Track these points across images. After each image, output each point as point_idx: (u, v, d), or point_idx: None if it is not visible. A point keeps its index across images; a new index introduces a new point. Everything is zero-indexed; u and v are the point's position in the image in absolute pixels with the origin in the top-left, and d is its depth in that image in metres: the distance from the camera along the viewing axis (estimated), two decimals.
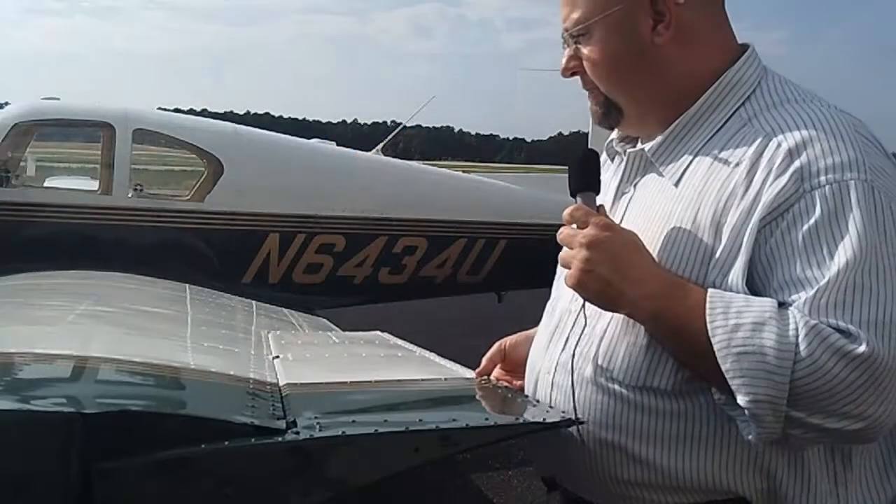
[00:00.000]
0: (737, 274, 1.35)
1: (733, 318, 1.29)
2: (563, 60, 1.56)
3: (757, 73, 1.51)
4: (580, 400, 1.49)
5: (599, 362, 1.48)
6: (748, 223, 1.34)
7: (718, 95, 1.49)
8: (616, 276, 1.37)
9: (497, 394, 1.75)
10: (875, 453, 1.45)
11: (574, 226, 1.43)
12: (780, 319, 1.27)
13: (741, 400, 1.28)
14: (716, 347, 1.29)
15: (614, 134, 1.68)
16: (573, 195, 1.50)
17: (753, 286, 1.35)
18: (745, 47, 1.55)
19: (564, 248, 1.44)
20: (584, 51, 1.52)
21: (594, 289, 1.40)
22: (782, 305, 1.30)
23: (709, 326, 1.30)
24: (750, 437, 1.32)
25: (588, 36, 1.50)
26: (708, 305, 1.32)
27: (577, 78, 1.58)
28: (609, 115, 1.58)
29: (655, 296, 1.37)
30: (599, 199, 1.51)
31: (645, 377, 1.43)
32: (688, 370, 1.40)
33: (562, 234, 1.45)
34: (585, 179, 1.50)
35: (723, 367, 1.29)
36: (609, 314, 1.47)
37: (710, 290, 1.34)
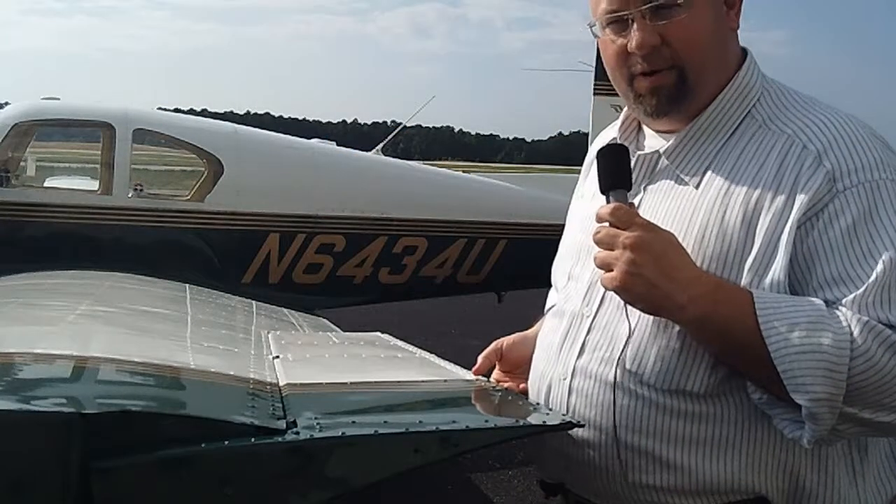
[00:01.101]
0: (777, 274, 1.36)
1: (786, 318, 1.30)
2: (640, 35, 1.45)
3: (760, 77, 1.53)
4: (604, 404, 1.48)
5: (627, 366, 1.46)
6: (784, 224, 1.36)
7: (731, 98, 1.50)
8: (662, 279, 1.35)
9: (497, 396, 1.75)
10: (884, 442, 1.48)
11: (606, 224, 1.40)
12: (831, 317, 1.30)
13: (800, 399, 1.29)
14: (771, 348, 1.30)
15: (613, 132, 1.67)
16: (604, 193, 1.45)
17: (791, 286, 1.37)
18: (744, 52, 1.56)
19: (601, 250, 1.40)
20: (676, 23, 1.44)
21: (639, 292, 1.37)
22: (825, 304, 1.32)
23: (762, 327, 1.31)
24: (796, 434, 1.33)
25: (684, 7, 1.44)
26: (758, 306, 1.32)
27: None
28: (682, 94, 1.49)
29: (701, 298, 1.36)
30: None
31: (678, 380, 1.42)
32: (724, 371, 1.40)
33: (599, 234, 1.40)
34: (618, 176, 1.46)
35: (779, 367, 1.29)
36: (635, 317, 1.46)
37: (755, 292, 1.35)
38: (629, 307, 1.44)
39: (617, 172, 1.46)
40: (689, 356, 1.42)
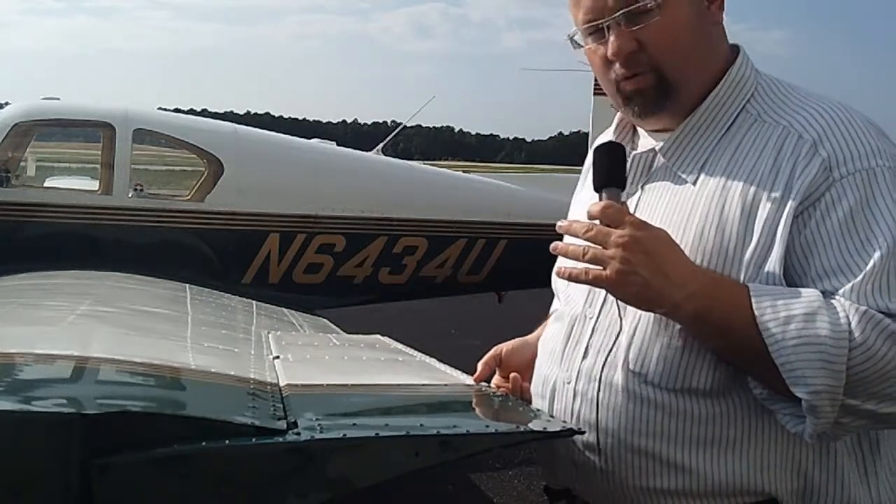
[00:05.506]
0: (773, 266, 1.35)
1: (783, 311, 1.30)
2: (616, 42, 1.46)
3: (753, 72, 1.53)
4: (610, 407, 1.47)
5: (631, 367, 1.45)
6: (781, 215, 1.36)
7: (725, 93, 1.50)
8: (656, 277, 1.34)
9: (497, 401, 1.74)
10: (895, 436, 1.46)
11: (598, 222, 1.39)
12: (828, 308, 1.29)
13: (800, 392, 1.28)
14: (768, 342, 1.29)
15: (611, 135, 1.67)
16: (598, 191, 1.45)
17: (788, 277, 1.36)
18: (736, 47, 1.56)
19: (594, 247, 1.38)
20: (652, 26, 1.44)
21: (633, 291, 1.36)
22: (824, 294, 1.31)
23: (759, 321, 1.30)
24: (798, 428, 1.32)
25: (658, 10, 1.43)
26: (754, 300, 1.32)
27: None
28: (664, 94, 1.49)
29: (697, 294, 1.35)
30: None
31: (683, 378, 1.42)
32: (730, 366, 1.39)
33: (591, 231, 1.38)
34: (611, 174, 1.45)
35: (777, 361, 1.28)
36: (636, 317, 1.45)
37: (751, 285, 1.35)
38: (623, 306, 1.44)
39: (611, 171, 1.46)
40: (692, 353, 1.41)
